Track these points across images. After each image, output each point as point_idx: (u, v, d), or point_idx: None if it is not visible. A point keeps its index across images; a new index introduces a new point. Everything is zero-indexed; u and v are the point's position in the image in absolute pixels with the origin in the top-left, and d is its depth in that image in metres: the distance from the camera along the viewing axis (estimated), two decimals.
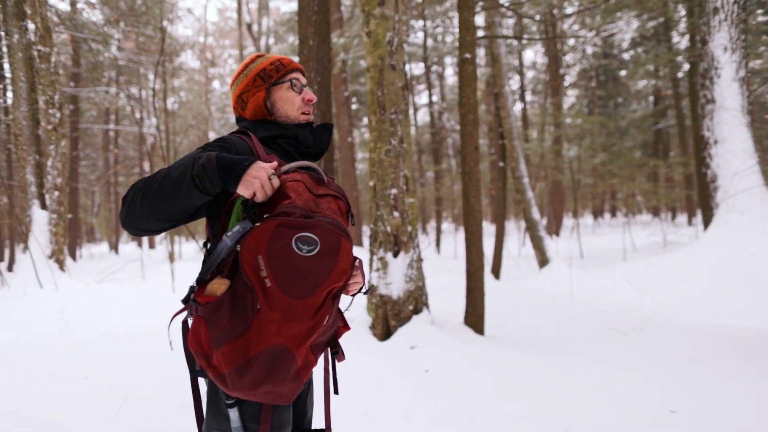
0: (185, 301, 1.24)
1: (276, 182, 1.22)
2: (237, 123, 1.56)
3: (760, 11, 14.78)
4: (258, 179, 1.20)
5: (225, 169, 1.20)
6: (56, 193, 7.54)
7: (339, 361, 1.40)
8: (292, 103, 1.51)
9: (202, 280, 1.24)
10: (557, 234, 19.61)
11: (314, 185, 1.31)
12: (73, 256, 17.15)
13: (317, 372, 3.11)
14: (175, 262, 11.04)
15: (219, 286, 1.21)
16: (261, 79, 1.50)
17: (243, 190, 1.20)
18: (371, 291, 4.97)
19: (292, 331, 1.18)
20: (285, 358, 1.18)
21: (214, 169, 1.19)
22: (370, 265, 5.04)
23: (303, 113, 1.52)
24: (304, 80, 1.55)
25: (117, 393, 3.49)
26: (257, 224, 1.19)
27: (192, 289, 1.24)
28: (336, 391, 1.50)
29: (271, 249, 1.16)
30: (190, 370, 1.27)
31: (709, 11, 8.88)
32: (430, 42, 20.68)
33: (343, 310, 1.45)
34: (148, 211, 1.22)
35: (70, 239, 16.39)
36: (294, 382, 1.21)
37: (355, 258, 1.31)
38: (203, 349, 1.21)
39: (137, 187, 1.24)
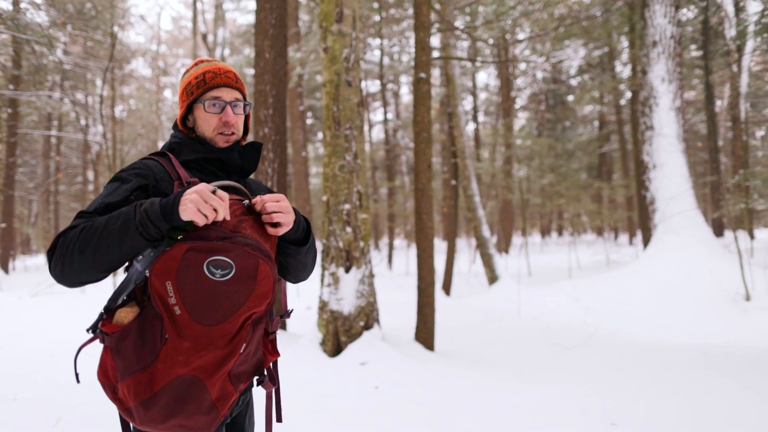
0: (93, 329, 1.17)
1: (222, 195, 1.12)
2: (173, 129, 1.47)
3: (693, 46, 15.79)
4: (194, 201, 1.10)
5: (166, 208, 1.12)
6: None
7: (266, 389, 1.31)
8: (209, 123, 1.39)
9: (110, 308, 1.17)
10: (506, 252, 20.08)
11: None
12: (6, 269, 16.16)
13: (259, 393, 3.04)
14: (118, 276, 10.60)
15: (126, 314, 1.15)
16: (186, 93, 1.41)
17: (190, 216, 1.11)
18: (322, 307, 4.93)
19: (203, 360, 1.12)
20: (195, 390, 1.12)
21: (157, 213, 1.12)
22: (322, 281, 5.01)
23: (220, 133, 1.39)
24: (230, 97, 1.41)
25: (49, 414, 3.29)
26: (167, 248, 1.13)
27: (101, 316, 1.17)
28: (279, 419, 1.43)
29: (180, 274, 1.10)
30: None
31: (649, 44, 9.44)
32: (386, 60, 20.96)
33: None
34: (90, 264, 1.14)
35: (3, 250, 15.45)
36: (208, 415, 1.15)
37: (280, 279, 1.25)
38: (110, 380, 1.16)
39: (69, 240, 1.15)
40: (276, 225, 1.26)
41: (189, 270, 1.11)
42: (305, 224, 1.44)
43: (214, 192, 1.12)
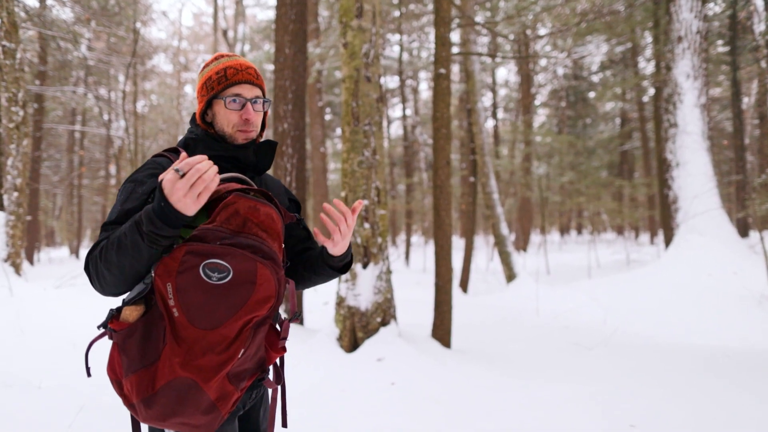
0: (104, 326, 1.19)
1: (185, 168, 1.06)
2: (189, 123, 1.46)
3: (720, 42, 15.45)
4: (184, 194, 1.06)
5: (168, 218, 1.09)
6: (15, 193, 7.28)
7: (268, 387, 1.31)
8: (228, 120, 1.38)
9: (121, 307, 1.20)
10: (525, 250, 19.92)
11: None
12: (31, 260, 16.52)
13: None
14: None
15: (131, 312, 1.17)
16: (205, 88, 1.40)
17: (194, 210, 1.09)
18: (339, 302, 4.94)
19: (199, 363, 1.12)
20: (192, 392, 1.13)
21: (162, 226, 1.09)
22: (339, 276, 5.01)
23: (240, 130, 1.38)
24: (251, 94, 1.39)
25: (73, 402, 3.36)
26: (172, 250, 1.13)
27: (111, 313, 1.19)
28: (284, 424, 1.43)
29: (179, 277, 1.11)
30: None
31: (674, 40, 9.24)
32: (405, 56, 20.90)
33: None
34: (121, 279, 1.16)
35: (28, 242, 15.80)
36: (209, 414, 1.16)
37: (287, 282, 1.23)
38: (117, 376, 1.18)
39: (95, 259, 1.17)
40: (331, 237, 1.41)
41: (186, 272, 1.11)
42: (350, 259, 1.54)
43: (177, 170, 1.06)
